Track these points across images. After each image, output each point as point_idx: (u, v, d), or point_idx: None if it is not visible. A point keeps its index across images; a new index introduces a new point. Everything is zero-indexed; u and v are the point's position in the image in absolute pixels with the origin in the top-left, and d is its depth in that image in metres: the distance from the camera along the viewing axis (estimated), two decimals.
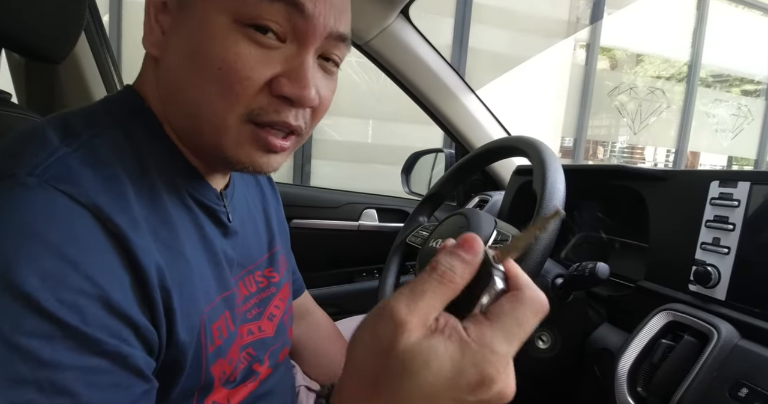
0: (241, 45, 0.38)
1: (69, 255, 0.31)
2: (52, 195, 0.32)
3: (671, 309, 0.57)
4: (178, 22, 0.40)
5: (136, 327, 0.34)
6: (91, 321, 0.31)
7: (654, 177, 0.68)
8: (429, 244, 0.76)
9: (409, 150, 1.46)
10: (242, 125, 0.40)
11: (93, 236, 0.33)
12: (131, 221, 0.35)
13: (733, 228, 0.55)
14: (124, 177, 0.37)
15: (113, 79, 0.97)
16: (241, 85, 0.38)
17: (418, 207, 0.92)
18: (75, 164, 0.35)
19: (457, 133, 1.13)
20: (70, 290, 0.31)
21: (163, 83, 0.42)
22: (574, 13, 4.31)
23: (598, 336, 0.70)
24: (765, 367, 0.46)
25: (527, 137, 0.73)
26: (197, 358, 0.41)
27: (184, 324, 0.39)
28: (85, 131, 0.38)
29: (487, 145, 0.82)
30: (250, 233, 0.55)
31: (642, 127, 5.14)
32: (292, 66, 0.39)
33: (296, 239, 0.76)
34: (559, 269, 0.70)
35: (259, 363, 0.52)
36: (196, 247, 0.43)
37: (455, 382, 0.25)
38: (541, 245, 0.56)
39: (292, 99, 0.40)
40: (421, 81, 1.06)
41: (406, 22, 1.00)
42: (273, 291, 0.57)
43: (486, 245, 0.31)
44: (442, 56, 1.06)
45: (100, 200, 0.34)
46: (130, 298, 0.34)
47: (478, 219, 0.70)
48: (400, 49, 1.01)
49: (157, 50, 0.42)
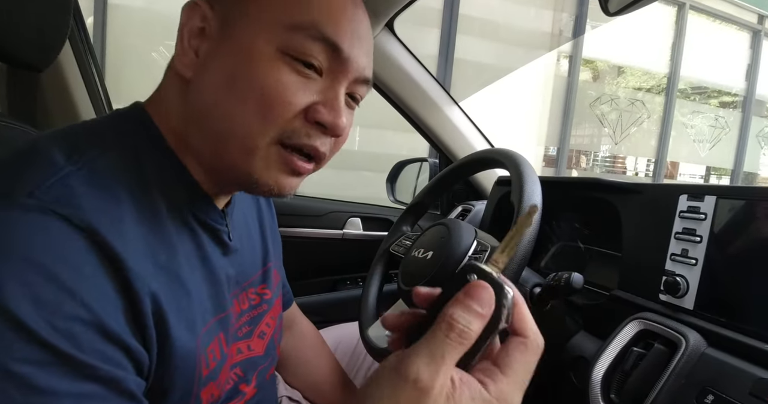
0: (284, 73, 0.41)
1: (64, 282, 0.31)
2: (49, 219, 0.32)
3: (643, 317, 0.59)
4: (219, 46, 0.42)
5: (129, 350, 0.34)
6: (86, 347, 0.31)
7: (627, 190, 0.70)
8: (411, 253, 0.77)
9: (395, 157, 1.47)
10: (271, 147, 0.42)
11: (88, 262, 0.33)
12: (128, 245, 0.35)
13: (701, 240, 0.57)
14: (126, 198, 0.38)
15: (97, 87, 0.96)
16: (281, 109, 0.40)
17: (401, 217, 0.93)
18: (77, 184, 0.35)
19: (441, 143, 1.15)
20: (64, 317, 0.31)
21: (192, 104, 0.43)
22: (557, 26, 4.41)
23: (574, 344, 0.72)
24: (730, 374, 0.48)
25: (506, 149, 0.75)
26: (189, 383, 0.41)
27: (179, 348, 0.39)
28: (92, 150, 0.38)
29: (468, 157, 0.84)
30: (247, 250, 0.56)
31: (623, 137, 5.25)
32: (328, 97, 0.43)
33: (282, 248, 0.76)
34: (537, 279, 0.72)
35: (246, 384, 0.52)
36: (195, 268, 0.43)
37: None
38: (519, 254, 0.58)
39: (326, 125, 0.43)
40: (405, 93, 1.08)
41: (391, 35, 1.02)
42: (265, 308, 0.58)
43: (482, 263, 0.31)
44: (426, 69, 1.08)
45: (98, 223, 0.34)
46: (123, 323, 0.34)
47: (459, 229, 0.72)
48: (385, 61, 1.03)
49: (189, 72, 0.43)
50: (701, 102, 5.81)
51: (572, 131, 4.88)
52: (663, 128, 5.31)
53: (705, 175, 6.31)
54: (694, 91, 5.76)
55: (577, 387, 0.66)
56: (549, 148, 4.90)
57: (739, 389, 0.46)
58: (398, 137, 3.43)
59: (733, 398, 0.46)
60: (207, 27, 0.43)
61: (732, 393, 0.46)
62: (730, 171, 6.00)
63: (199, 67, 0.43)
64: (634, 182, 0.72)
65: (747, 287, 0.53)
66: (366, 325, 0.77)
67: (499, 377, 0.27)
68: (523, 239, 0.58)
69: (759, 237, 0.53)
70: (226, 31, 0.42)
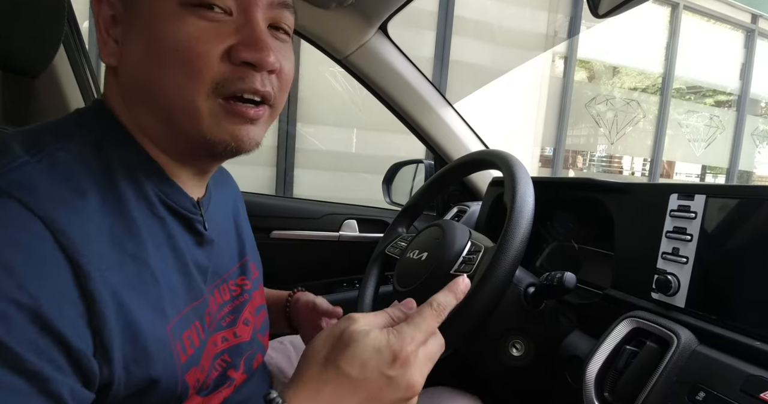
0: (190, 24, 0.40)
1: (6, 261, 0.30)
2: (4, 200, 0.32)
3: (635, 316, 0.60)
4: (128, 24, 0.42)
5: (70, 349, 0.32)
6: (17, 334, 0.29)
7: (618, 190, 0.71)
8: (407, 255, 0.77)
9: (392, 159, 1.47)
10: (212, 102, 0.42)
11: (40, 248, 0.32)
12: (89, 235, 0.35)
13: (691, 239, 0.58)
14: (89, 190, 0.37)
15: (92, 91, 0.96)
16: (200, 61, 0.40)
17: (396, 218, 0.93)
18: (35, 173, 0.35)
19: (435, 145, 1.16)
20: (4, 299, 0.29)
21: (126, 86, 0.44)
22: (552, 27, 4.43)
23: (569, 343, 0.72)
24: (720, 372, 0.49)
25: (499, 150, 0.76)
26: (170, 368, 0.41)
27: (150, 336, 0.38)
28: (52, 144, 0.38)
29: (462, 158, 0.84)
30: (224, 243, 0.56)
31: (619, 137, 5.27)
32: (245, 33, 0.42)
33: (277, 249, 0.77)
34: (531, 279, 0.72)
35: (234, 369, 0.53)
36: (165, 256, 0.43)
37: (379, 354, 0.36)
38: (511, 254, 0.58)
39: (253, 63, 0.42)
40: (399, 95, 1.08)
41: (385, 37, 1.03)
42: (246, 298, 0.58)
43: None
44: (420, 71, 1.09)
45: (57, 213, 0.33)
46: (71, 317, 0.32)
47: (453, 231, 0.72)
48: (379, 63, 1.04)
49: (114, 60, 0.43)
50: (696, 101, 5.84)
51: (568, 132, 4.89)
52: (658, 128, 5.33)
53: (701, 174, 6.34)
54: (690, 91, 5.78)
55: (572, 386, 0.67)
56: (545, 148, 4.92)
57: (730, 385, 0.47)
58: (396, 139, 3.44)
59: (724, 395, 0.46)
60: (116, 12, 0.43)
61: (723, 390, 0.47)
62: (725, 170, 6.03)
63: (121, 53, 0.43)
64: (625, 181, 0.73)
65: (737, 285, 0.53)
66: None
67: (403, 323, 0.40)
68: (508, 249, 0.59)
69: (748, 235, 0.53)
70: (130, 8, 0.42)
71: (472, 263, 0.66)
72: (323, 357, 0.37)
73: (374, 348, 0.37)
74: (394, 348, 0.37)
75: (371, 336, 0.37)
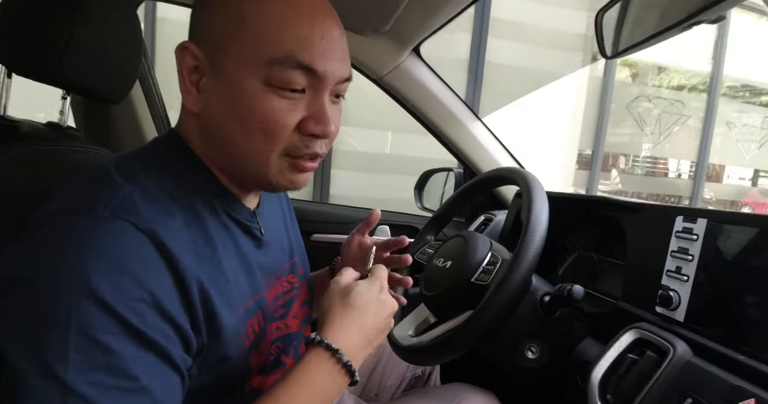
0: (274, 101, 0.48)
1: (134, 273, 0.40)
2: (121, 224, 0.42)
3: (639, 327, 0.65)
4: (213, 81, 0.50)
5: (180, 328, 0.43)
6: (149, 324, 0.40)
7: (631, 209, 0.76)
8: (433, 262, 0.85)
9: (425, 160, 1.54)
10: (281, 160, 0.51)
11: (149, 256, 0.42)
12: (178, 244, 0.45)
13: (692, 259, 0.63)
14: (174, 210, 0.47)
15: (161, 118, 1.10)
16: (279, 131, 0.49)
17: (426, 226, 1.01)
18: (135, 199, 0.45)
19: (465, 157, 1.23)
20: (135, 299, 0.40)
21: (207, 133, 0.53)
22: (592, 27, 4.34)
23: (581, 349, 0.78)
24: (709, 381, 0.54)
25: (519, 169, 0.83)
26: (239, 349, 0.52)
27: (225, 322, 0.49)
28: (141, 173, 0.48)
29: (486, 173, 0.91)
30: (277, 244, 0.66)
31: (663, 137, 5.11)
32: (314, 110, 0.50)
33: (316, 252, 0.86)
34: (547, 288, 0.78)
35: (285, 355, 0.63)
36: (231, 259, 0.53)
37: (371, 288, 0.56)
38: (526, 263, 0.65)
39: (318, 135, 0.51)
40: (432, 111, 1.16)
41: (418, 58, 1.11)
42: (295, 294, 0.68)
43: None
44: (450, 88, 1.16)
45: (155, 227, 0.43)
46: (177, 305, 0.43)
47: (475, 242, 0.80)
48: (412, 83, 1.12)
49: (196, 108, 0.52)
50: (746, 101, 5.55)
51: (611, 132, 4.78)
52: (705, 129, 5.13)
53: (753, 177, 6.03)
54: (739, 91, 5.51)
55: (581, 388, 0.73)
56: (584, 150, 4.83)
57: (714, 394, 0.52)
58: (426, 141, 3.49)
59: (708, 401, 0.52)
60: (199, 64, 0.50)
61: (708, 398, 0.52)
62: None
63: (203, 102, 0.51)
64: (637, 201, 0.78)
65: (729, 303, 0.58)
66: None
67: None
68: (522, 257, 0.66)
69: (741, 260, 0.58)
70: (215, 67, 0.49)
71: (490, 274, 0.74)
72: (338, 303, 0.54)
73: (367, 288, 0.56)
74: (376, 284, 0.57)
75: (362, 283, 0.57)
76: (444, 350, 0.71)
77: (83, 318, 0.38)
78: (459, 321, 0.73)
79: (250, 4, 0.48)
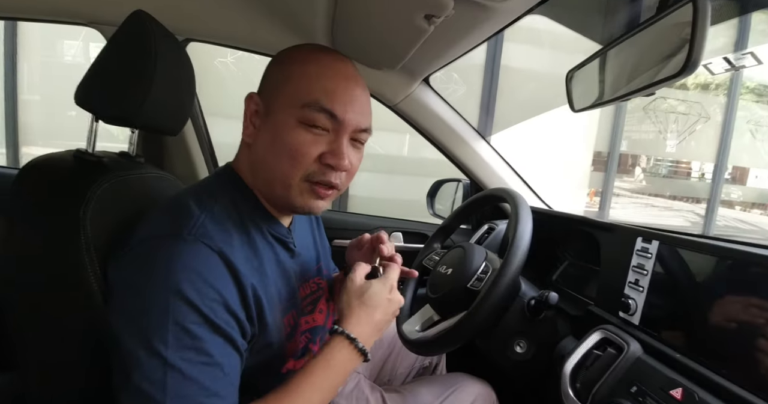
0: (302, 135, 0.63)
1: (210, 281, 0.54)
2: (200, 246, 0.56)
3: (605, 328, 0.79)
4: (266, 121, 0.66)
5: (240, 321, 0.57)
6: (220, 317, 0.54)
7: (604, 228, 0.89)
8: (437, 268, 0.99)
9: (439, 163, 1.64)
10: (302, 183, 0.65)
11: (220, 269, 0.56)
12: (237, 259, 0.59)
13: (647, 273, 0.76)
14: (233, 230, 0.62)
15: (207, 145, 1.27)
16: (302, 159, 0.63)
17: (434, 235, 1.15)
18: (208, 225, 0.60)
19: (470, 172, 1.36)
20: (211, 300, 0.54)
21: (254, 160, 0.68)
22: None
23: (562, 346, 0.91)
24: (651, 374, 0.66)
25: (510, 190, 0.95)
26: (279, 338, 0.67)
27: (270, 318, 0.64)
28: (209, 201, 0.63)
29: (484, 192, 1.05)
30: (306, 254, 0.81)
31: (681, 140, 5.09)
32: (333, 147, 0.65)
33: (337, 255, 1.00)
34: (533, 293, 0.91)
35: (313, 344, 0.78)
36: (273, 269, 0.68)
37: (383, 288, 0.70)
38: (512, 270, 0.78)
39: (333, 166, 0.65)
40: (440, 133, 1.30)
41: (428, 87, 1.25)
42: (320, 294, 0.83)
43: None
44: (458, 112, 1.30)
45: (223, 248, 0.57)
46: (238, 304, 0.57)
47: (472, 252, 0.93)
48: (422, 109, 1.26)
49: (251, 140, 0.68)
50: None
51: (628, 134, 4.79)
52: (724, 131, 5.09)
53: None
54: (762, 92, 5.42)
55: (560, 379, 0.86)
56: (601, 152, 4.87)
57: (654, 384, 0.65)
58: None
59: (648, 389, 0.65)
60: (258, 109, 0.66)
61: (649, 387, 0.65)
62: None
63: (256, 136, 0.66)
64: (610, 221, 0.90)
65: (674, 311, 0.71)
66: (402, 321, 1.01)
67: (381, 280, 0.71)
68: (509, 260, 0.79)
69: (684, 276, 0.71)
70: (269, 111, 0.65)
71: (483, 281, 0.88)
72: (356, 301, 0.68)
73: (380, 288, 0.70)
74: (387, 284, 0.71)
75: (374, 283, 0.70)
76: (443, 343, 0.84)
77: (176, 313, 0.52)
78: (456, 319, 0.87)
79: (294, 66, 0.65)
